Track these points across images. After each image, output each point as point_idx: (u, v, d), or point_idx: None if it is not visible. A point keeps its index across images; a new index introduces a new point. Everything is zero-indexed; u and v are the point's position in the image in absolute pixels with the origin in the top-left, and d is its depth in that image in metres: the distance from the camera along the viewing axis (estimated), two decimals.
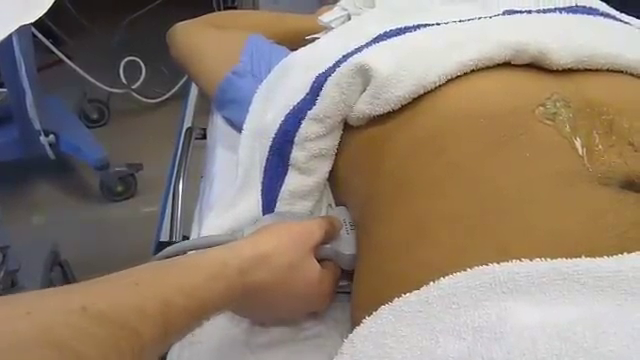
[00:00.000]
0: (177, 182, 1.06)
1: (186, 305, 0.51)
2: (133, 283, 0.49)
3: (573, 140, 0.57)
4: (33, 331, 0.40)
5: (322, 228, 0.66)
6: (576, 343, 0.42)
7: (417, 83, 0.65)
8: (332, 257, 0.70)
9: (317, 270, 0.64)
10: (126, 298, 0.47)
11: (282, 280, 0.61)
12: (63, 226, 2.00)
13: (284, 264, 0.61)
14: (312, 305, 0.68)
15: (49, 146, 1.98)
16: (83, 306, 0.44)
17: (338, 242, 0.70)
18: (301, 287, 0.63)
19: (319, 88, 0.70)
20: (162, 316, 0.48)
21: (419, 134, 0.64)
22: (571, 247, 0.49)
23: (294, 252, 0.62)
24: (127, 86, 2.48)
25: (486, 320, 0.46)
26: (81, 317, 0.43)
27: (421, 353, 0.47)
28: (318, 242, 0.65)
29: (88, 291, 0.47)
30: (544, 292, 0.46)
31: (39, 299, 0.45)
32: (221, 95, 0.98)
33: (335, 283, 0.69)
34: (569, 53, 0.64)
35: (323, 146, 0.73)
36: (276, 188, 0.75)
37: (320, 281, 0.65)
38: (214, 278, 0.55)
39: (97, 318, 0.44)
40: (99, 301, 0.45)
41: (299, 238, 0.63)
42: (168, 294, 0.50)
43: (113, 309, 0.45)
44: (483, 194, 0.56)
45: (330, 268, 0.68)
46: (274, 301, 0.63)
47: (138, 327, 0.46)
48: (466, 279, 0.48)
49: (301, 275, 0.63)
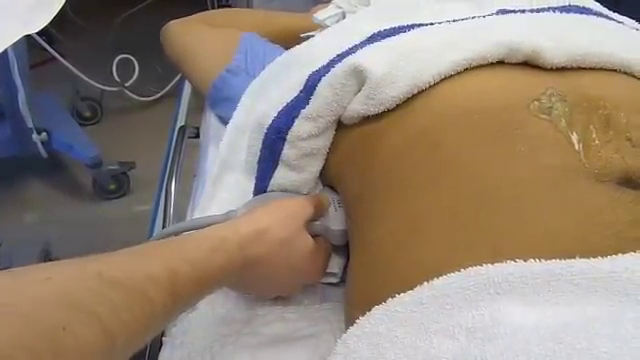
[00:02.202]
0: (170, 181, 1.06)
1: (191, 276, 0.53)
2: (141, 254, 0.53)
3: (569, 135, 0.57)
4: (54, 295, 0.42)
5: (312, 205, 0.70)
6: (570, 345, 0.42)
7: (411, 83, 0.65)
8: (322, 233, 0.73)
9: (311, 243, 0.68)
10: (137, 266, 0.50)
11: (278, 254, 0.64)
12: (55, 224, 1.99)
13: (280, 239, 0.64)
14: (307, 277, 0.71)
15: (41, 144, 1.97)
16: (99, 272, 0.45)
17: (327, 219, 0.73)
18: (296, 260, 0.66)
19: (313, 87, 0.70)
20: (170, 284, 0.50)
21: (412, 131, 0.64)
22: (566, 246, 0.49)
23: (288, 227, 0.65)
24: (120, 84, 2.47)
25: (480, 321, 0.46)
26: (98, 282, 0.45)
27: (415, 354, 0.47)
28: (309, 217, 0.69)
29: (101, 260, 0.49)
30: (538, 293, 0.46)
31: (57, 266, 0.46)
32: (215, 93, 0.98)
33: (327, 256, 0.73)
34: (563, 52, 0.64)
35: (315, 145, 0.73)
36: (266, 180, 0.77)
37: (314, 254, 0.68)
38: (215, 251, 0.57)
39: (112, 283, 0.46)
40: (112, 268, 0.47)
41: (292, 214, 0.67)
42: (174, 264, 0.52)
43: (126, 275, 0.47)
44: (477, 190, 0.55)
45: (322, 243, 0.72)
46: (271, 274, 0.65)
47: (149, 293, 0.48)
48: (460, 280, 0.48)
49: (296, 248, 0.66)
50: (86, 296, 0.43)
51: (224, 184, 0.83)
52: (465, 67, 0.64)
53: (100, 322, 0.43)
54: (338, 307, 0.71)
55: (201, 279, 0.55)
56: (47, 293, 0.42)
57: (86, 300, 0.43)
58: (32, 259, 1.58)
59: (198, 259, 0.55)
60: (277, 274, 0.66)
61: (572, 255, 0.48)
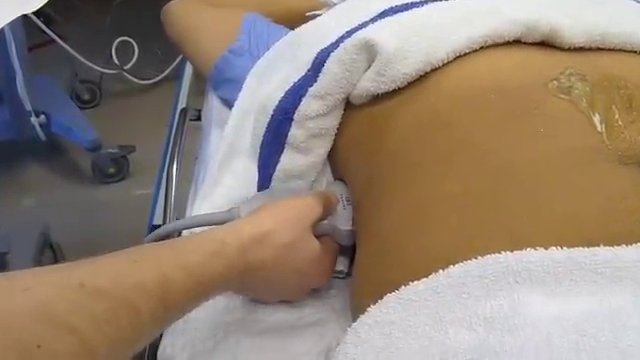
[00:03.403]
0: (171, 164, 1.04)
1: (185, 282, 0.51)
2: (132, 260, 0.49)
3: (591, 115, 0.55)
4: (29, 306, 0.40)
5: (320, 205, 0.66)
6: (594, 337, 0.40)
7: (424, 60, 0.62)
8: (330, 233, 0.69)
9: (317, 247, 0.64)
10: (125, 274, 0.47)
11: (282, 258, 0.61)
12: (54, 208, 1.98)
13: (284, 243, 0.61)
14: (313, 282, 0.68)
15: (40, 127, 1.96)
16: (81, 282, 0.43)
17: (335, 218, 0.70)
18: (301, 265, 0.63)
19: (321, 64, 0.68)
20: (161, 292, 0.48)
21: (424, 112, 0.62)
22: (587, 233, 0.47)
23: (293, 230, 0.62)
24: (119, 67, 2.45)
25: (498, 311, 0.44)
26: (79, 292, 0.43)
27: (429, 344, 0.45)
28: (316, 219, 0.65)
29: (87, 268, 0.47)
30: (559, 282, 0.44)
31: (38, 275, 0.45)
32: (217, 74, 0.96)
33: (334, 259, 0.70)
34: (581, 31, 0.62)
35: (323, 125, 0.71)
36: (272, 165, 0.74)
37: (320, 258, 0.65)
38: (213, 256, 0.55)
39: (95, 293, 0.44)
40: (98, 277, 0.45)
41: (298, 216, 0.63)
42: (167, 270, 0.50)
43: (112, 284, 0.45)
44: (492, 173, 0.53)
45: (329, 244, 0.68)
46: (275, 279, 0.63)
47: (137, 302, 0.46)
48: (477, 268, 0.46)
49: (301, 253, 0.63)
50: (65, 309, 0.41)
51: (230, 169, 0.81)
52: (481, 45, 0.62)
53: (79, 337, 0.41)
54: (344, 295, 0.69)
55: (197, 286, 0.52)
56: (23, 306, 0.40)
57: (65, 313, 0.41)
58: (30, 243, 1.56)
59: (194, 265, 0.52)
60: (281, 279, 0.63)
61: (593, 242, 0.46)
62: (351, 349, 0.48)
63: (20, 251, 1.53)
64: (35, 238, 1.59)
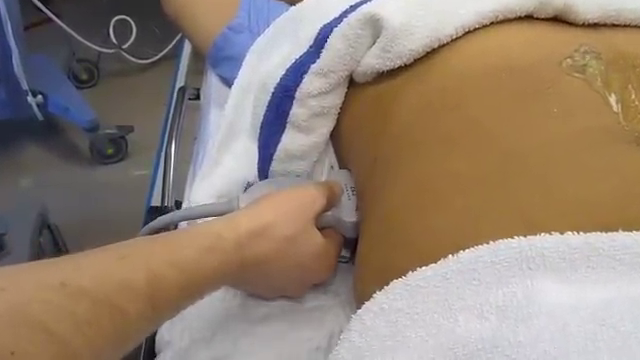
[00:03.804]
0: (169, 144, 1.03)
1: (177, 279, 0.49)
2: (119, 257, 0.47)
3: (606, 95, 0.52)
4: (5, 311, 0.38)
5: (323, 196, 0.63)
6: (613, 327, 0.38)
7: (432, 35, 0.60)
8: (334, 225, 0.67)
9: (319, 241, 0.62)
10: (110, 272, 0.45)
11: (283, 253, 0.58)
12: (52, 189, 1.97)
13: (284, 236, 0.58)
14: (316, 277, 0.65)
15: (37, 107, 1.94)
16: (62, 282, 0.42)
17: (339, 209, 0.67)
18: (303, 259, 0.61)
19: (324, 40, 0.65)
20: (150, 290, 0.46)
21: (432, 90, 0.59)
22: (603, 218, 0.45)
23: (295, 223, 0.59)
24: (117, 46, 2.44)
25: (511, 299, 0.42)
26: (58, 293, 0.41)
27: (438, 332, 0.43)
28: (320, 211, 0.63)
29: (69, 266, 0.45)
30: (575, 269, 0.42)
31: (16, 274, 0.43)
32: (216, 52, 0.95)
33: (338, 253, 0.67)
34: (596, 6, 0.60)
35: (326, 104, 0.69)
36: (272, 146, 0.72)
37: (323, 252, 0.62)
38: (208, 251, 0.52)
39: (76, 294, 0.42)
40: (80, 276, 0.43)
41: (300, 207, 0.61)
42: (157, 267, 0.47)
43: (95, 284, 0.43)
44: (503, 154, 0.51)
45: (332, 237, 0.66)
46: (275, 275, 0.60)
47: (122, 303, 0.44)
48: (489, 253, 0.44)
49: (303, 247, 0.60)
50: (43, 311, 0.39)
51: (230, 150, 0.79)
52: (491, 20, 0.60)
53: (57, 340, 0.39)
54: (347, 279, 0.67)
55: (189, 283, 0.50)
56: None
57: (43, 316, 0.39)
58: (28, 224, 1.55)
59: (187, 260, 0.50)
60: (281, 274, 0.61)
61: (610, 227, 0.44)
62: (356, 337, 0.46)
63: (18, 232, 1.52)
64: (33, 219, 1.57)
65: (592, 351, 0.37)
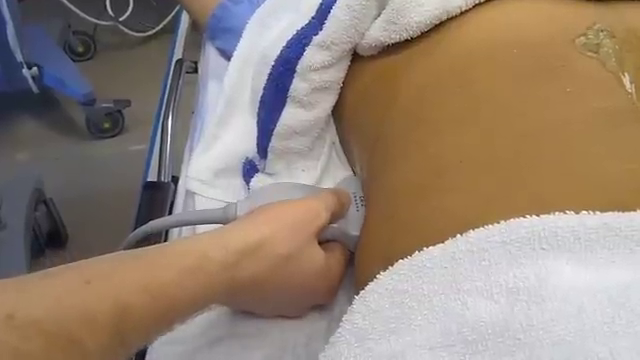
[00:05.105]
0: (166, 118, 1.00)
1: (150, 308, 0.44)
2: (83, 281, 0.42)
3: (620, 75, 0.50)
4: None
5: (328, 209, 0.58)
6: (631, 310, 0.36)
7: (440, 7, 0.58)
8: (339, 238, 0.61)
9: (320, 259, 0.56)
10: (70, 301, 0.41)
11: (278, 273, 0.53)
12: (47, 163, 1.96)
13: (280, 255, 0.53)
14: (316, 298, 0.60)
15: (32, 79, 1.93)
16: (9, 314, 0.37)
17: (346, 221, 0.62)
18: (302, 278, 0.56)
19: (327, 11, 0.64)
20: (117, 322, 0.42)
21: (440, 65, 0.57)
22: (619, 197, 0.43)
23: (292, 240, 0.54)
24: (114, 18, 2.41)
25: (523, 280, 0.40)
26: (5, 326, 0.37)
27: (445, 314, 0.41)
28: (323, 226, 0.57)
29: (20, 293, 0.40)
30: (591, 250, 0.40)
31: None
32: (215, 23, 0.92)
33: (343, 270, 0.61)
34: None
35: (328, 78, 0.67)
36: (272, 121, 0.69)
37: (324, 271, 0.57)
38: (190, 273, 0.47)
39: (25, 327, 0.38)
40: (31, 305, 0.39)
41: (300, 222, 0.55)
42: (127, 295, 0.43)
43: (49, 314, 0.39)
44: (515, 132, 0.49)
45: (336, 252, 0.60)
46: (270, 296, 0.56)
47: (82, 336, 0.40)
48: (500, 233, 0.42)
49: (301, 266, 0.55)
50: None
51: (229, 124, 0.76)
52: None
53: None
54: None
55: (165, 311, 0.46)
56: None
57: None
58: (24, 199, 1.53)
59: (164, 284, 0.45)
60: (278, 295, 0.56)
61: (626, 207, 0.42)
62: (359, 319, 0.45)
63: (13, 206, 1.51)
64: (29, 193, 1.56)
65: (609, 336, 0.35)
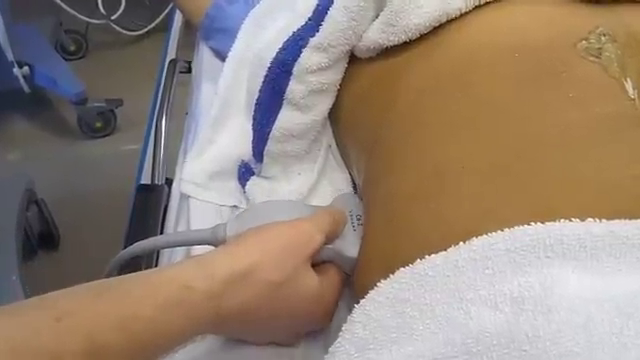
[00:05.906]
0: (160, 119, 1.00)
1: (125, 347, 0.42)
2: (54, 318, 0.41)
3: (623, 81, 0.50)
4: None
5: (322, 231, 0.55)
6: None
7: (439, 9, 0.57)
8: (333, 259, 0.59)
9: (315, 284, 0.54)
10: (38, 341, 0.39)
11: (268, 300, 0.51)
12: (39, 163, 1.95)
13: (270, 281, 0.50)
14: (312, 323, 0.58)
15: (23, 78, 1.92)
16: None
17: (342, 241, 0.59)
18: (294, 305, 0.53)
19: (324, 12, 0.63)
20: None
21: (440, 68, 0.56)
22: (623, 205, 0.43)
23: (283, 266, 0.51)
24: (106, 17, 2.40)
25: (528, 289, 0.39)
26: None
27: (448, 324, 0.40)
28: (316, 249, 0.54)
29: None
30: (597, 259, 0.40)
31: None
32: (209, 23, 0.91)
33: (338, 293, 0.58)
34: None
35: (325, 80, 0.66)
36: (268, 124, 0.69)
37: (318, 296, 0.54)
38: (172, 306, 0.45)
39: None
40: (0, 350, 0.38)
41: (292, 246, 0.53)
42: (100, 334, 0.41)
43: (14, 357, 0.38)
44: (518, 137, 0.48)
45: (331, 275, 0.58)
46: (262, 324, 0.53)
47: None
48: (504, 240, 0.41)
49: (293, 292, 0.52)
50: None
51: (224, 127, 0.75)
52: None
53: None
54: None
55: (144, 346, 0.43)
56: None
57: None
58: (16, 198, 1.52)
59: (142, 320, 0.43)
60: (269, 323, 0.54)
61: (632, 215, 0.41)
62: (359, 329, 0.44)
63: (4, 207, 1.50)
64: (20, 194, 1.55)
65: (618, 348, 0.35)
